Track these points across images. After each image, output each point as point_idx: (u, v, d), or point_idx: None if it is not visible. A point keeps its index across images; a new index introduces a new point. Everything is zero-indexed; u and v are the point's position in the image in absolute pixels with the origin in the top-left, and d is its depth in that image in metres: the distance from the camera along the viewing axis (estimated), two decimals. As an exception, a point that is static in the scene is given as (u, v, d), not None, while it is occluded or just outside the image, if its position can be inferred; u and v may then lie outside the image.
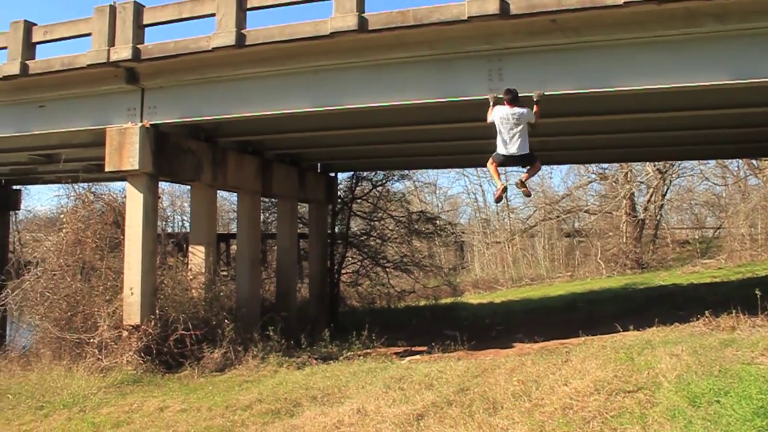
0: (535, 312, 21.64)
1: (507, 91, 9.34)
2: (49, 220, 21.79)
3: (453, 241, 35.49)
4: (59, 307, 12.96)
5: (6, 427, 8.62)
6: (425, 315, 22.34)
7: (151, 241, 12.66)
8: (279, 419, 7.82)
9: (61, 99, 13.43)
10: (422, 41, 10.48)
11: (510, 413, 6.34)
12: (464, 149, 17.37)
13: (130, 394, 9.91)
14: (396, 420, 6.62)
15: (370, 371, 9.84)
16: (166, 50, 11.79)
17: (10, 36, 13.08)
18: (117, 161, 12.47)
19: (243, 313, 14.38)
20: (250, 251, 15.81)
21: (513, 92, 9.27)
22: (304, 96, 11.54)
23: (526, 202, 42.12)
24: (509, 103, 9.24)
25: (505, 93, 9.32)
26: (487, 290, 35.42)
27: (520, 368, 8.18)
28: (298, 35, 10.75)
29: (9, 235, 27.35)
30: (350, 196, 23.21)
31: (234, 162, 15.21)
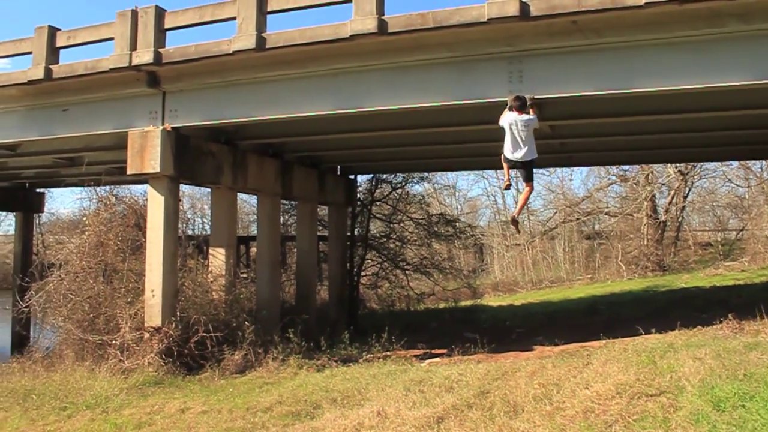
0: (556, 315, 21.49)
1: (516, 98, 9.61)
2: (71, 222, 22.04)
3: (472, 243, 35.41)
4: (82, 309, 13.10)
5: (31, 427, 8.72)
6: (445, 317, 22.27)
7: (172, 244, 12.74)
8: (299, 421, 7.83)
9: (84, 103, 13.57)
10: (442, 43, 10.46)
11: (531, 416, 6.31)
12: (484, 151, 17.28)
13: (151, 395, 9.97)
14: (416, 423, 6.61)
15: (389, 374, 9.83)
16: (187, 54, 11.87)
17: (35, 41, 13.25)
18: (138, 164, 12.57)
19: (263, 315, 14.42)
20: (270, 253, 15.86)
21: (522, 99, 9.55)
22: (324, 99, 11.56)
23: (546, 203, 42.05)
24: (518, 110, 9.50)
25: (514, 100, 9.59)
26: (507, 293, 35.27)
27: (541, 371, 8.14)
28: (318, 38, 10.78)
29: (33, 238, 27.70)
30: (370, 198, 23.23)
31: (254, 164, 15.27)
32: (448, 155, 17.93)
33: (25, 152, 17.26)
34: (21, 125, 14.39)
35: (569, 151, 17.07)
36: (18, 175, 23.68)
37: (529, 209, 42.96)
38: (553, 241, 42.36)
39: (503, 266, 43.32)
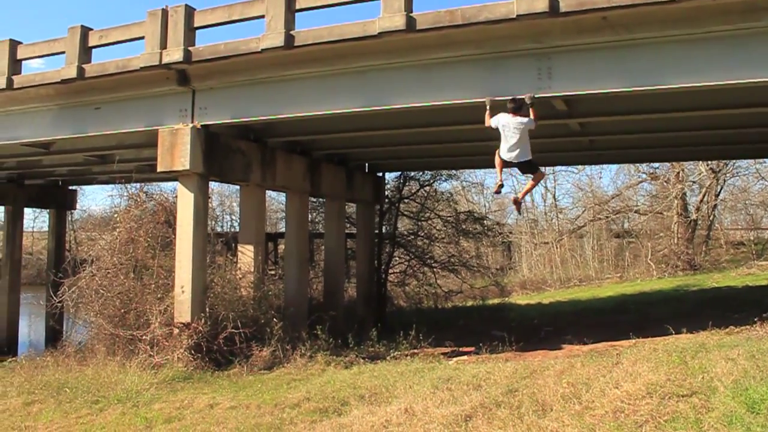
0: (584, 313, 21.32)
1: (512, 100, 9.66)
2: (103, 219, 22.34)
3: (500, 241, 35.25)
4: (113, 305, 13.26)
5: (64, 420, 8.86)
6: (473, 315, 22.21)
7: (201, 240, 12.85)
8: (327, 418, 7.84)
9: (115, 101, 13.75)
10: (470, 40, 10.42)
11: (560, 415, 6.25)
12: (512, 149, 17.21)
13: (180, 390, 10.06)
14: (444, 421, 6.59)
15: (417, 371, 9.82)
16: (216, 52, 11.96)
17: (68, 41, 13.44)
18: (169, 161, 12.69)
19: (291, 312, 14.50)
20: (299, 251, 15.93)
21: (518, 102, 9.63)
22: (352, 96, 11.57)
23: (575, 201, 41.72)
24: (512, 112, 9.56)
25: (510, 102, 9.64)
26: (535, 291, 35.06)
27: (570, 370, 8.07)
28: (346, 36, 10.79)
29: (65, 234, 28.17)
30: (398, 195, 23.24)
31: (283, 162, 15.35)
32: (475, 152, 17.84)
33: (58, 150, 17.52)
34: (55, 124, 14.62)
35: (598, 149, 16.91)
36: (51, 173, 24.08)
37: (557, 207, 42.73)
38: (581, 240, 42.01)
39: (531, 264, 43.02)
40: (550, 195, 44.68)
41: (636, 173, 36.76)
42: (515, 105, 9.59)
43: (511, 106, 9.60)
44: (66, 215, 28.91)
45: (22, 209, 25.40)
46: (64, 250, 27.31)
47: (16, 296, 23.95)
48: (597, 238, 41.01)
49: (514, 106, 9.58)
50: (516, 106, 9.59)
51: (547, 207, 45.34)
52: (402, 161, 20.41)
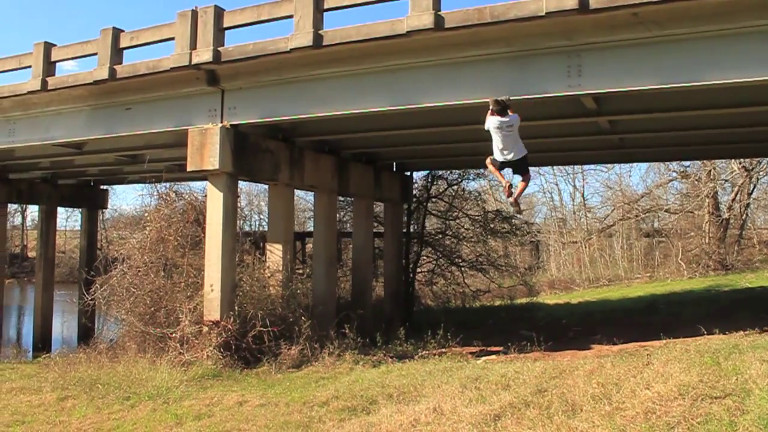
0: (614, 313, 21.11)
1: (496, 102, 9.63)
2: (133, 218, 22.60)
3: (528, 240, 35.05)
4: (143, 303, 13.43)
5: (97, 415, 8.99)
6: (501, 315, 22.13)
7: (230, 239, 12.94)
8: (355, 416, 7.85)
9: (145, 101, 13.90)
10: (499, 38, 10.35)
11: (590, 416, 6.19)
12: (540, 147, 17.07)
13: (210, 387, 10.15)
14: (473, 420, 6.55)
15: (445, 370, 9.80)
16: (245, 52, 12.03)
17: (100, 42, 13.62)
18: (198, 161, 12.80)
19: (319, 310, 14.54)
20: (327, 250, 15.98)
21: (502, 104, 9.58)
22: (380, 95, 11.58)
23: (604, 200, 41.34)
24: (499, 114, 9.57)
25: (494, 104, 9.62)
26: (564, 290, 34.81)
27: (600, 370, 7.98)
28: (375, 35, 10.79)
29: (97, 233, 28.55)
30: (425, 194, 23.22)
31: (311, 161, 15.40)
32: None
33: (90, 150, 17.79)
34: (87, 124, 14.83)
35: (628, 147, 16.74)
36: (83, 173, 24.47)
37: (585, 206, 42.36)
38: (610, 239, 41.64)
39: (559, 264, 42.75)
40: (578, 194, 44.36)
41: (666, 172, 36.38)
42: (500, 107, 9.60)
43: (497, 108, 9.61)
44: (98, 214, 29.32)
45: (55, 208, 25.84)
46: (96, 248, 27.69)
47: (49, 294, 24.36)
48: (626, 237, 40.63)
49: (500, 108, 9.60)
50: (501, 107, 9.60)
51: (576, 206, 45.03)
52: (430, 160, 20.38)
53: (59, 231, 31.32)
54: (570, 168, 41.45)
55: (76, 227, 47.22)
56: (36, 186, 24.42)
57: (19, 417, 9.26)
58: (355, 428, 7.13)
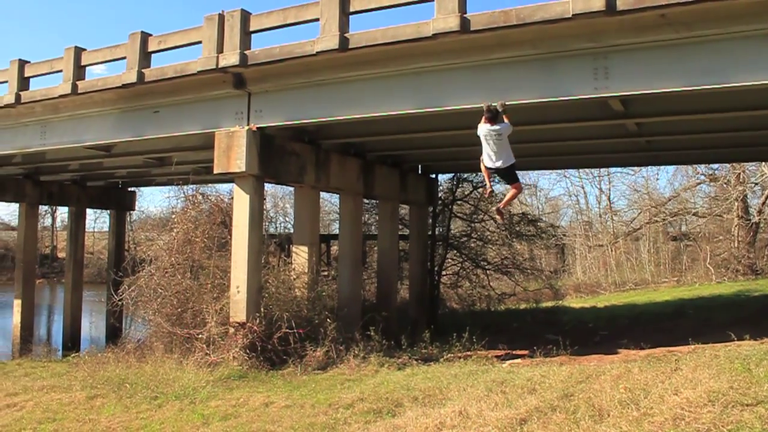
0: (641, 318, 20.91)
1: (487, 109, 9.73)
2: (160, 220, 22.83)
3: (554, 243, 34.84)
4: (171, 303, 13.57)
5: (125, 414, 9.11)
6: (526, 318, 22.04)
7: (256, 241, 13.02)
8: (381, 418, 7.87)
9: (173, 105, 14.04)
10: (525, 41, 10.31)
11: (617, 421, 6.13)
12: (566, 150, 17.04)
13: (236, 388, 10.23)
14: (499, 424, 6.53)
15: (471, 374, 9.78)
16: (271, 55, 12.10)
17: (129, 46, 13.79)
18: (225, 163, 12.90)
19: (344, 312, 14.58)
20: (352, 252, 16.02)
21: (492, 111, 9.67)
22: (406, 98, 11.58)
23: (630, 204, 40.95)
24: (489, 121, 9.66)
25: (486, 111, 9.72)
26: (589, 294, 34.55)
27: (627, 375, 7.91)
28: (400, 37, 10.80)
29: (125, 234, 28.89)
30: (451, 197, 23.17)
31: (336, 164, 15.46)
32: (529, 154, 17.67)
33: (119, 153, 18.00)
34: (116, 127, 15.02)
35: (656, 150, 16.58)
36: (112, 175, 24.77)
37: (612, 210, 42.00)
38: (637, 242, 41.22)
39: (585, 267, 42.41)
40: (604, 197, 44.01)
41: (694, 175, 35.88)
42: (490, 114, 9.66)
43: (487, 116, 9.68)
44: (125, 216, 29.71)
45: (84, 210, 26.24)
46: (124, 249, 28.04)
47: (78, 294, 24.72)
48: (653, 241, 40.18)
49: (490, 116, 9.66)
50: (491, 115, 9.67)
51: (602, 209, 44.65)
52: (455, 163, 20.33)
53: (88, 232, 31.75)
54: (596, 171, 41.16)
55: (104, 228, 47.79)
56: (66, 188, 24.82)
57: (50, 414, 9.44)
58: (381, 431, 7.16)
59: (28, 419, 9.29)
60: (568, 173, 43.50)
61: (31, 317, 22.92)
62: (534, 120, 12.98)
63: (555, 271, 36.47)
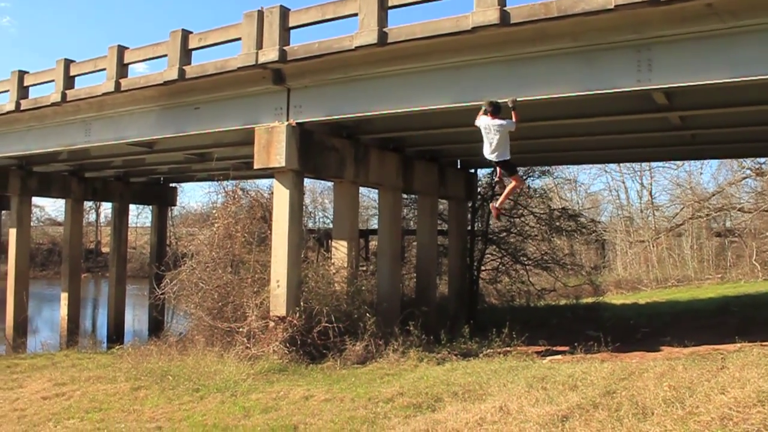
0: (684, 315, 20.52)
1: (490, 103, 9.93)
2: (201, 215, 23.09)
3: (594, 239, 34.39)
4: (211, 297, 13.73)
5: (168, 405, 9.26)
6: (566, 314, 21.80)
7: (296, 236, 13.10)
8: (421, 413, 7.86)
9: (213, 101, 14.20)
10: (565, 33, 10.19)
11: (661, 420, 6.01)
12: (607, 144, 16.78)
13: (276, 382, 10.31)
14: (540, 420, 6.46)
15: (511, 369, 9.73)
16: (310, 51, 12.16)
17: (170, 44, 13.99)
18: (265, 159, 12.99)
19: (383, 307, 14.61)
20: (391, 247, 16.02)
21: (495, 105, 9.87)
22: (445, 92, 11.53)
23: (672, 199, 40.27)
24: (491, 114, 9.85)
25: (488, 105, 9.92)
26: (630, 291, 34.09)
27: (671, 373, 7.78)
28: (439, 31, 10.76)
29: (167, 229, 29.31)
30: (490, 192, 23.00)
31: (376, 159, 15.47)
32: (569, 148, 17.51)
33: (160, 149, 18.27)
34: (157, 124, 15.26)
35: (700, 143, 16.26)
36: (154, 171, 25.15)
37: (653, 205, 41.33)
38: (679, 238, 40.53)
39: (626, 263, 41.82)
40: (645, 192, 43.29)
41: (740, 169, 35.10)
42: (493, 108, 9.84)
43: (489, 109, 9.87)
44: (167, 211, 30.10)
45: (127, 206, 26.74)
46: (166, 244, 28.44)
47: (122, 288, 25.22)
48: (696, 237, 39.48)
49: (493, 109, 9.84)
50: (494, 108, 9.84)
51: (643, 204, 43.97)
52: (494, 157, 20.17)
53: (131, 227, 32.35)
54: (637, 165, 40.48)
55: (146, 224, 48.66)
56: (109, 184, 25.29)
57: (96, 404, 9.67)
58: (421, 425, 7.11)
59: (75, 408, 9.52)
60: (608, 168, 42.95)
61: (78, 310, 23.44)
62: (574, 114, 12.83)
63: (595, 267, 35.91)
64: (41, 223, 58.78)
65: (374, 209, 35.72)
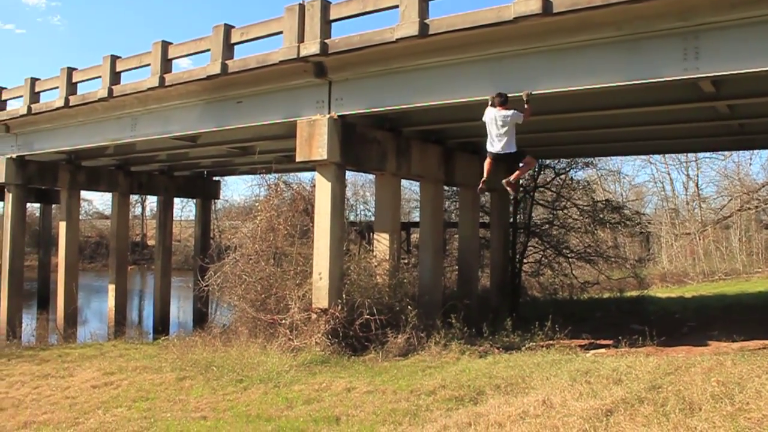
0: (732, 309, 20.08)
1: (498, 94, 10.17)
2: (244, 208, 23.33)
3: (639, 231, 33.81)
4: (255, 290, 13.89)
5: (212, 396, 9.40)
6: (610, 308, 21.53)
7: (338, 228, 13.15)
8: (463, 406, 7.84)
9: (255, 95, 14.33)
10: (609, 22, 10.01)
11: (710, 416, 5.89)
12: (651, 134, 16.47)
13: (318, 373, 10.37)
14: (583, 414, 6.39)
15: (554, 363, 9.63)
16: (351, 43, 12.17)
17: (212, 39, 14.14)
18: (307, 151, 13.06)
19: (425, 300, 14.60)
20: (433, 239, 15.98)
21: (503, 96, 10.13)
22: (487, 83, 11.41)
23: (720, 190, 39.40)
24: (500, 105, 10.04)
25: (497, 96, 10.15)
26: (676, 284, 33.48)
27: (719, 368, 7.62)
28: (480, 22, 10.67)
29: (210, 223, 29.72)
30: (532, 184, 22.79)
31: (417, 151, 15.44)
32: (613, 139, 17.23)
33: (203, 143, 18.53)
34: (201, 118, 15.46)
35: (750, 133, 15.87)
36: (197, 165, 25.51)
37: (700, 197, 40.49)
38: (727, 231, 39.58)
39: (671, 256, 41.01)
40: (692, 183, 42.38)
41: (791, 159, 34.17)
42: (501, 99, 10.05)
43: (498, 100, 10.06)
44: (211, 204, 30.56)
45: (172, 199, 27.18)
46: (209, 237, 28.88)
47: (167, 280, 25.66)
48: (745, 229, 38.52)
49: (501, 100, 10.04)
50: (502, 99, 10.05)
51: (689, 196, 43.03)
52: (537, 149, 19.91)
53: (175, 221, 32.80)
54: (683, 156, 39.54)
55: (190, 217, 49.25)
56: (154, 178, 25.75)
57: (143, 393, 9.88)
58: (463, 418, 7.09)
59: (123, 397, 9.75)
60: (653, 159, 42.05)
61: (125, 302, 23.96)
62: (618, 104, 12.62)
63: (640, 260, 35.26)
64: (89, 217, 60.01)
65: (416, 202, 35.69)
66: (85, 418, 8.76)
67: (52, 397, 10.14)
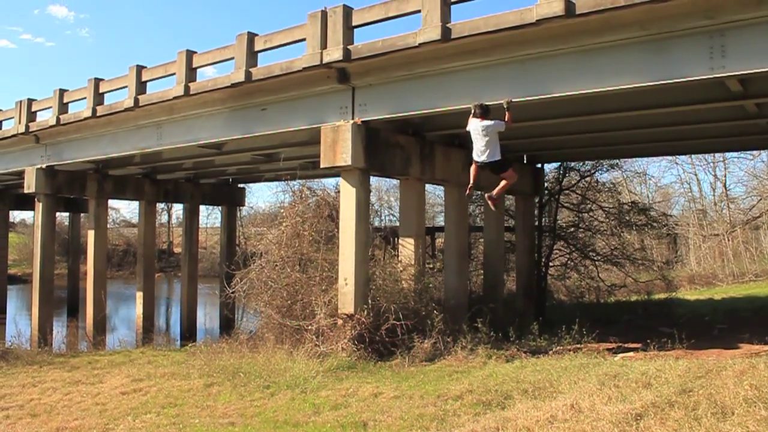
0: (763, 311, 19.79)
1: (479, 105, 10.29)
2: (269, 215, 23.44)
3: (666, 233, 33.41)
4: (280, 296, 13.94)
5: (240, 402, 9.48)
6: (637, 311, 21.30)
7: (363, 234, 13.17)
8: (490, 411, 7.82)
9: (279, 102, 14.40)
10: (633, 22, 9.92)
11: (743, 420, 5.80)
12: (677, 135, 16.29)
13: (345, 379, 10.41)
14: (613, 419, 6.33)
15: (581, 367, 9.55)
16: (374, 49, 12.19)
17: (236, 47, 14.25)
18: (331, 157, 13.10)
19: (451, 304, 14.55)
20: (458, 244, 15.94)
21: (484, 107, 10.23)
22: (510, 86, 11.38)
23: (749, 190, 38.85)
24: (481, 117, 10.14)
25: (477, 108, 10.26)
26: (705, 286, 33.04)
27: (751, 371, 7.49)
28: (503, 25, 10.64)
29: (236, 229, 29.92)
30: (557, 187, 22.67)
31: (441, 155, 15.42)
32: (638, 140, 17.08)
33: (229, 150, 18.69)
34: (226, 125, 15.58)
35: (775, 131, 15.62)
36: (223, 172, 25.72)
37: (728, 197, 39.97)
38: (757, 231, 39.01)
39: (700, 258, 40.48)
40: (719, 184, 41.81)
41: (822, 158, 33.60)
42: (481, 110, 10.16)
43: (478, 111, 10.17)
44: (236, 211, 30.75)
45: (197, 206, 27.41)
46: (235, 244, 29.05)
47: (194, 286, 25.87)
48: (776, 230, 37.92)
49: (481, 111, 10.15)
50: (482, 110, 10.14)
51: (717, 197, 42.45)
52: (561, 151, 19.89)
53: (201, 228, 33.12)
54: (710, 156, 38.99)
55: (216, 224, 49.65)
56: (180, 186, 25.99)
57: (171, 400, 10.00)
58: (491, 423, 7.07)
59: (152, 403, 9.87)
60: (679, 160, 41.54)
61: (152, 309, 24.17)
62: (643, 104, 12.51)
63: (667, 262, 34.89)
64: (117, 225, 60.57)
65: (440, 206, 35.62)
66: (115, 424, 8.89)
67: (82, 404, 10.29)
